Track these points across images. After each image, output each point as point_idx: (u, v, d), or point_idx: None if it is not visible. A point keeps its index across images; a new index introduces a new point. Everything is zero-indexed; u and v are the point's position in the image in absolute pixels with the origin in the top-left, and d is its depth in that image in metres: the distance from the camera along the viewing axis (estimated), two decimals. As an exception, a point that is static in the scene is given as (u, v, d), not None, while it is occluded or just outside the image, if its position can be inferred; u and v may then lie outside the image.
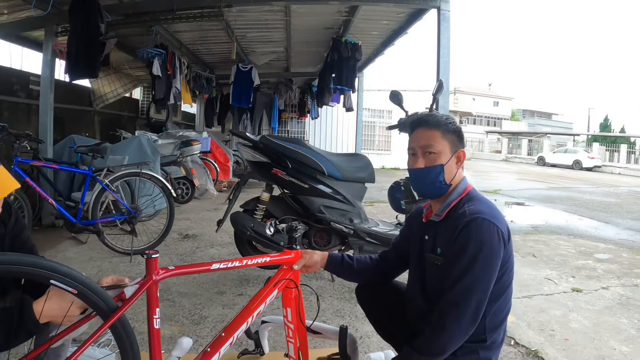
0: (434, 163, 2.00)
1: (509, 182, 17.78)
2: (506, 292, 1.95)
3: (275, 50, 11.15)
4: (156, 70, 8.07)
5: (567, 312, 3.94)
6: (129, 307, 1.67)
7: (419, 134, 2.06)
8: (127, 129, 10.58)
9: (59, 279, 1.57)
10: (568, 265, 5.45)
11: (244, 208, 4.40)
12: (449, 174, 2.02)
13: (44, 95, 6.39)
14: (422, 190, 2.12)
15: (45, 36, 6.58)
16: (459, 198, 2.02)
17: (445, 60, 6.23)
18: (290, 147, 4.14)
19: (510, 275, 1.96)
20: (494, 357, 1.97)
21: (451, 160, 2.02)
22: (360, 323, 3.41)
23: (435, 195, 2.07)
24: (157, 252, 1.74)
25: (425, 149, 2.01)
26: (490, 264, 1.81)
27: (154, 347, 1.73)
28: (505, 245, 1.86)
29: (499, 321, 1.95)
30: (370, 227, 4.32)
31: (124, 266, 4.72)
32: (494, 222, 1.84)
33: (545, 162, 34.18)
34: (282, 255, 2.14)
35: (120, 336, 1.71)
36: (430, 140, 2.01)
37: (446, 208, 2.02)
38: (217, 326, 3.33)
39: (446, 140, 2.01)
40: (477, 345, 1.91)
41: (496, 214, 1.91)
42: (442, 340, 1.79)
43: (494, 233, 1.82)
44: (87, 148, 5.22)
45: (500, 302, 1.93)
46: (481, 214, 1.86)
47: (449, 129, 2.03)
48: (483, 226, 1.83)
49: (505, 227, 1.88)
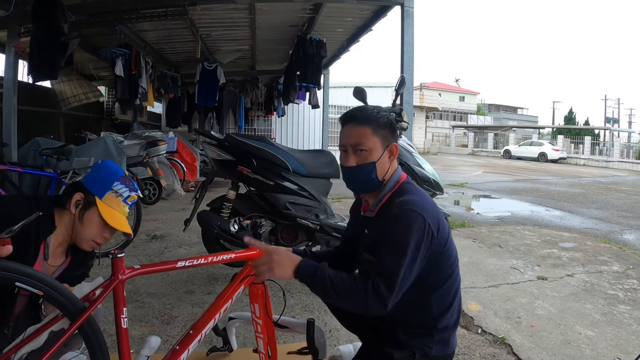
0: (365, 161, 1.98)
1: (475, 175, 18.10)
2: (450, 279, 1.99)
3: (241, 48, 11.13)
4: (118, 70, 7.99)
5: (533, 300, 4.06)
6: (96, 307, 1.69)
7: (349, 131, 2.03)
8: (93, 130, 10.46)
9: (23, 281, 1.58)
10: (533, 254, 5.60)
11: (210, 207, 4.42)
12: (382, 170, 2.01)
13: (7, 97, 6.28)
14: (355, 187, 2.14)
15: (8, 37, 6.47)
16: (391, 192, 2.03)
17: (409, 57, 6.30)
18: (254, 145, 4.17)
19: (450, 261, 1.99)
20: (450, 338, 2.02)
21: (383, 155, 2.00)
22: (329, 317, 3.44)
23: (369, 191, 2.09)
24: (123, 251, 1.75)
25: (356, 147, 1.99)
26: (414, 255, 1.81)
27: (123, 347, 1.74)
28: (434, 236, 1.86)
29: (445, 307, 1.99)
30: (336, 222, 4.37)
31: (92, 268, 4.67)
32: (421, 213, 1.84)
33: (511, 155, 34.82)
34: (247, 252, 2.14)
35: (88, 337, 1.72)
36: (360, 138, 1.98)
37: (379, 203, 2.04)
38: (187, 325, 3.33)
39: (377, 136, 1.99)
40: (430, 330, 1.97)
41: (426, 205, 1.91)
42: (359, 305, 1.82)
43: (420, 225, 1.83)
44: (52, 150, 5.17)
45: (443, 290, 1.98)
46: (409, 205, 1.87)
47: (379, 123, 2.00)
48: (410, 217, 1.83)
49: (434, 219, 1.88)
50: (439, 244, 1.91)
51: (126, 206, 2.19)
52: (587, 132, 39.31)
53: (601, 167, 28.50)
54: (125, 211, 2.19)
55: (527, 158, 32.72)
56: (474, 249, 5.73)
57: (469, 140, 44.47)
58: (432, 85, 60.48)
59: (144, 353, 1.96)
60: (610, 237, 6.90)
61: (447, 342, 2.01)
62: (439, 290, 1.96)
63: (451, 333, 2.03)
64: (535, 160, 31.86)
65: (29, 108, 8.08)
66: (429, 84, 59.21)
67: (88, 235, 2.11)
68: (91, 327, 1.72)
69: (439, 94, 54.17)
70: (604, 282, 4.59)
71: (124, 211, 2.18)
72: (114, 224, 2.10)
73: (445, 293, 1.99)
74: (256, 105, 16.73)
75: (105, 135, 8.00)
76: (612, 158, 29.67)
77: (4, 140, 5.88)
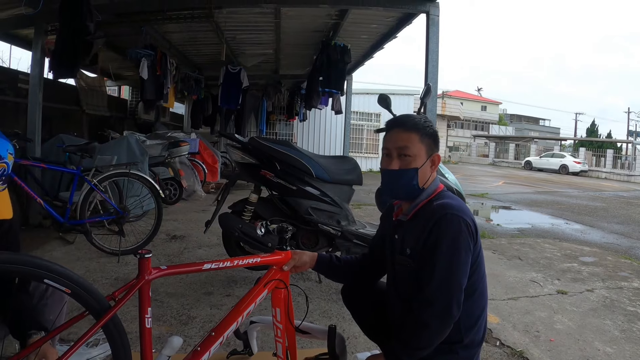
0: (408, 166, 1.99)
1: (495, 186, 17.95)
2: (478, 291, 1.98)
3: (265, 52, 11.15)
4: (142, 71, 8.06)
5: (552, 314, 3.99)
6: (121, 306, 1.69)
7: (396, 135, 2.03)
8: (116, 129, 10.52)
9: (52, 278, 1.59)
10: (553, 268, 5.51)
11: (232, 209, 4.41)
12: (423, 178, 2.02)
13: (32, 93, 6.35)
14: (394, 191, 2.10)
15: (35, 34, 6.54)
16: (428, 199, 2.03)
17: (433, 65, 6.26)
18: (278, 149, 4.16)
19: (481, 273, 1.99)
20: (474, 356, 2.00)
21: (426, 164, 2.01)
22: (347, 324, 3.43)
23: (407, 197, 2.08)
24: (150, 251, 1.76)
25: (401, 151, 1.99)
26: (463, 258, 1.84)
27: (145, 346, 1.74)
28: (474, 239, 1.89)
29: (474, 320, 1.98)
30: (357, 229, 4.35)
31: (112, 266, 4.70)
32: (462, 216, 1.86)
33: (532, 166, 34.55)
34: (272, 256, 2.16)
35: (112, 335, 1.72)
36: (407, 142, 1.98)
37: (414, 208, 2.04)
38: (205, 326, 3.34)
39: (423, 144, 2.00)
40: (455, 345, 1.94)
41: (464, 208, 1.93)
42: (425, 336, 1.82)
43: (464, 227, 1.85)
44: (75, 147, 5.20)
45: (473, 301, 1.96)
46: (450, 209, 1.88)
47: (426, 132, 2.01)
48: (453, 221, 1.86)
49: (473, 221, 1.90)
50: (474, 252, 1.92)
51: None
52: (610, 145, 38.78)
53: (623, 180, 28.13)
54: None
55: (548, 170, 32.45)
56: (494, 261, 5.66)
57: (490, 150, 44.25)
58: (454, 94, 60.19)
59: (166, 353, 1.96)
60: (631, 252, 6.79)
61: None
62: (468, 301, 1.92)
63: (476, 351, 2.01)
64: (556, 172, 31.58)
65: (53, 105, 8.15)
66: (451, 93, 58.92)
67: None
68: (116, 325, 1.73)
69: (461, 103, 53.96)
70: (623, 299, 4.50)
71: None
72: None
73: (474, 306, 1.97)
74: (278, 109, 16.77)
75: (129, 135, 8.06)
76: (635, 172, 29.33)
77: (28, 136, 5.93)
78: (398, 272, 2.08)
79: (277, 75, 14.03)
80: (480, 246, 1.96)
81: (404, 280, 2.04)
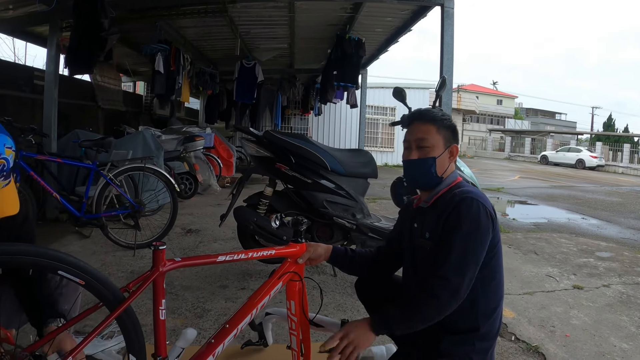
0: (426, 155, 2.05)
1: (511, 180, 17.79)
2: (496, 278, 2.00)
3: (279, 46, 11.15)
4: (158, 66, 8.09)
5: (568, 309, 3.94)
6: (135, 298, 1.68)
7: (415, 128, 2.12)
8: (131, 124, 10.59)
9: (66, 270, 1.59)
10: (569, 263, 5.45)
11: (247, 202, 4.41)
12: (441, 167, 2.07)
13: (48, 90, 6.40)
14: (414, 180, 2.18)
15: (49, 31, 6.59)
16: (447, 187, 2.08)
17: (448, 58, 6.21)
18: (293, 142, 4.15)
19: (499, 260, 2.01)
20: (490, 349, 2.00)
21: (444, 154, 2.07)
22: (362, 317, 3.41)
23: (427, 186, 2.13)
24: (165, 243, 1.75)
25: (419, 143, 2.07)
26: (480, 240, 1.87)
27: (159, 338, 1.74)
28: (493, 225, 1.92)
29: (491, 308, 1.99)
30: (372, 223, 4.33)
31: (127, 260, 4.73)
32: (482, 201, 1.93)
33: (548, 160, 34.15)
34: (288, 248, 2.15)
35: (126, 327, 1.73)
36: (425, 134, 2.06)
37: (434, 195, 2.09)
38: (219, 319, 3.34)
39: (440, 135, 2.07)
40: (471, 335, 1.94)
41: (484, 195, 1.98)
42: (428, 306, 1.83)
43: (483, 211, 1.90)
44: (91, 142, 5.22)
45: (491, 288, 1.98)
46: (470, 194, 1.95)
47: (444, 124, 2.09)
48: (473, 205, 1.91)
49: (492, 208, 1.95)
50: (494, 239, 1.95)
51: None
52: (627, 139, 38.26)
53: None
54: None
55: (564, 164, 32.00)
56: (510, 255, 5.60)
57: (506, 144, 43.87)
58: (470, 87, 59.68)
59: (180, 345, 1.97)
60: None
61: (486, 353, 1.98)
62: (487, 288, 1.96)
63: (491, 344, 2.01)
64: (572, 167, 31.15)
65: (69, 101, 8.22)
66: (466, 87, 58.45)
67: None
68: (130, 317, 1.73)
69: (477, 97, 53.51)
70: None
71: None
72: None
73: (492, 294, 1.99)
74: (293, 103, 16.74)
75: (144, 130, 8.09)
76: (652, 167, 28.85)
77: (45, 132, 5.97)
78: (417, 255, 2.10)
79: (292, 69, 14.04)
80: (498, 235, 2.00)
81: (423, 262, 2.06)
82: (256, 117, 13.60)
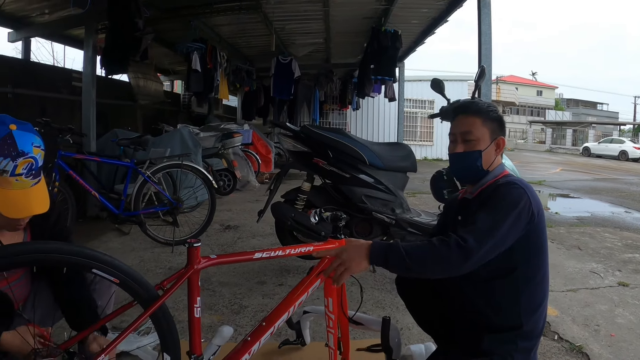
0: (472, 148, 2.02)
1: (553, 173, 17.41)
2: (539, 275, 1.92)
3: (315, 41, 11.11)
4: (195, 64, 8.14)
5: (613, 307, 3.77)
6: (169, 296, 1.66)
7: (460, 121, 2.08)
8: (170, 122, 10.68)
9: (100, 268, 1.58)
10: (614, 258, 5.24)
11: (285, 198, 4.38)
12: (487, 160, 2.03)
13: (86, 91, 6.47)
14: (460, 173, 2.19)
15: (85, 33, 6.66)
16: (494, 179, 2.03)
17: (487, 48, 6.05)
18: (331, 137, 4.10)
19: (542, 258, 1.93)
20: (533, 349, 1.92)
21: (490, 146, 2.03)
22: (401, 314, 3.34)
23: (472, 179, 2.10)
24: (199, 240, 1.72)
25: (465, 136, 2.04)
26: (510, 224, 1.78)
27: (194, 335, 1.72)
28: (531, 219, 1.83)
29: (535, 305, 1.90)
30: (412, 217, 4.24)
31: (166, 256, 4.76)
32: (526, 191, 1.86)
33: (591, 152, 33.22)
34: (326, 245, 2.09)
35: (160, 324, 1.71)
36: (470, 127, 2.03)
37: (480, 187, 2.05)
38: (256, 316, 3.32)
39: (486, 128, 2.03)
40: (514, 333, 1.87)
41: (531, 188, 1.92)
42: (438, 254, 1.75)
43: (524, 199, 1.83)
44: (128, 140, 5.27)
45: (534, 286, 1.90)
46: (516, 181, 1.91)
47: (489, 116, 2.05)
48: (514, 190, 1.86)
49: (536, 202, 1.87)
50: (536, 230, 1.88)
51: (21, 177, 1.69)
52: (671, 129, 37.05)
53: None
54: (25, 183, 1.72)
55: (607, 156, 31.04)
56: (552, 250, 5.41)
57: (547, 136, 43.02)
58: (509, 79, 58.73)
59: (216, 342, 1.94)
60: (697, 243, 6.38)
61: (529, 353, 1.90)
62: (530, 284, 1.89)
63: (534, 343, 1.93)
64: (615, 158, 30.21)
65: (108, 101, 8.33)
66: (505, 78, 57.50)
67: (1, 222, 1.78)
68: (164, 314, 1.71)
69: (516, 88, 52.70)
70: (689, 292, 4.22)
71: (20, 185, 1.71)
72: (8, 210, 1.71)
73: (536, 291, 1.91)
74: (331, 98, 16.70)
75: (182, 127, 8.16)
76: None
77: (83, 132, 6.06)
78: None
79: (329, 64, 13.96)
80: (544, 231, 1.92)
81: None
82: (294, 112, 13.60)
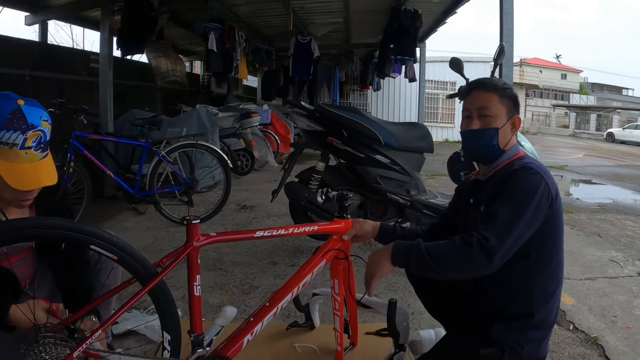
0: (489, 125, 1.93)
1: (575, 158, 17.09)
2: (554, 262, 1.84)
3: (334, 20, 10.95)
4: (212, 44, 8.10)
5: (632, 298, 3.65)
6: (167, 273, 1.64)
7: (476, 96, 1.98)
8: (189, 103, 10.67)
9: (99, 244, 1.56)
10: (635, 247, 5.08)
11: (299, 178, 4.36)
12: (503, 139, 1.94)
13: (103, 72, 6.47)
14: (474, 152, 2.05)
15: (102, 15, 6.61)
16: (509, 160, 1.94)
17: (508, 27, 5.87)
18: (345, 116, 4.03)
19: (557, 244, 1.85)
20: (544, 340, 1.85)
21: (506, 125, 1.94)
22: (413, 298, 3.25)
23: (487, 158, 2.00)
24: (198, 217, 1.69)
25: (481, 112, 1.94)
26: (529, 215, 1.70)
27: (195, 314, 1.71)
28: (551, 205, 1.76)
29: (548, 294, 1.83)
30: (427, 199, 4.17)
31: (180, 235, 4.75)
32: (543, 176, 1.77)
33: (615, 138, 32.47)
34: (332, 224, 2.06)
35: (159, 302, 1.70)
36: (487, 103, 1.93)
37: (494, 168, 1.96)
38: (267, 296, 3.26)
39: (503, 105, 1.94)
40: (525, 322, 1.80)
41: (547, 171, 1.83)
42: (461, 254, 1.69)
43: (542, 185, 1.74)
44: (143, 121, 5.27)
45: (549, 272, 1.83)
46: (533, 165, 1.82)
47: (506, 94, 1.95)
48: (531, 176, 1.77)
49: (554, 185, 1.79)
50: (554, 216, 1.79)
51: (30, 150, 1.70)
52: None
53: None
54: (33, 156, 1.72)
55: (632, 142, 30.22)
56: (572, 236, 5.31)
57: (570, 120, 42.29)
58: (532, 61, 57.68)
59: (219, 322, 1.91)
60: None
61: (540, 343, 1.83)
62: (544, 271, 1.81)
63: (547, 333, 1.86)
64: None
65: (126, 82, 8.34)
66: (529, 60, 56.52)
67: (9, 198, 1.78)
68: (163, 292, 1.69)
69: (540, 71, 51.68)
70: None
71: (29, 158, 1.71)
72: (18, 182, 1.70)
73: (549, 279, 1.83)
74: (351, 79, 16.56)
75: (199, 107, 8.15)
76: None
77: (101, 113, 6.08)
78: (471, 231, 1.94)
79: (349, 44, 13.74)
80: (561, 217, 1.84)
81: None
82: (314, 93, 13.50)
